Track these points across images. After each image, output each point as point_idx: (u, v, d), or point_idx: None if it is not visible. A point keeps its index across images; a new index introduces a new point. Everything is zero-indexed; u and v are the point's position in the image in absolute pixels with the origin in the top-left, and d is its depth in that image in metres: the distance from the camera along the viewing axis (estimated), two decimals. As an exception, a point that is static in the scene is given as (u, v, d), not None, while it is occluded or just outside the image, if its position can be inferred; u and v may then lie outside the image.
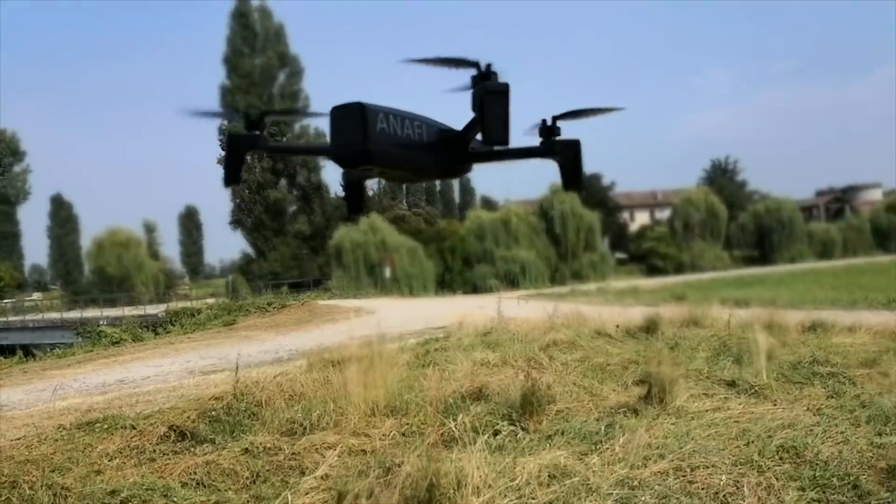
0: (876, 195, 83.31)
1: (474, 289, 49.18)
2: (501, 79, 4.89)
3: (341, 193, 63.25)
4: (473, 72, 4.89)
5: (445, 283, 50.55)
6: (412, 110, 5.12)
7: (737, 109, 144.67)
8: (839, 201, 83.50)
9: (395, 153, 4.95)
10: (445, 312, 24.38)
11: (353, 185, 6.01)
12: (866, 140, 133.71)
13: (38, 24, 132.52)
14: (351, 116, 4.76)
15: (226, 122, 61.35)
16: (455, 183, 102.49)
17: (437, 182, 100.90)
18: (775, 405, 7.86)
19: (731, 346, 11.54)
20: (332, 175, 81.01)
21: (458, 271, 51.16)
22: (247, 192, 61.20)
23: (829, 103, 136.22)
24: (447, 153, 5.29)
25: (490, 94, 4.72)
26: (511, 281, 49.84)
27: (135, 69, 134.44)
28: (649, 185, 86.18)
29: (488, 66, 4.80)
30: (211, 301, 44.68)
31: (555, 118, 5.36)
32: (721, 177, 77.03)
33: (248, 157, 5.39)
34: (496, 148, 5.39)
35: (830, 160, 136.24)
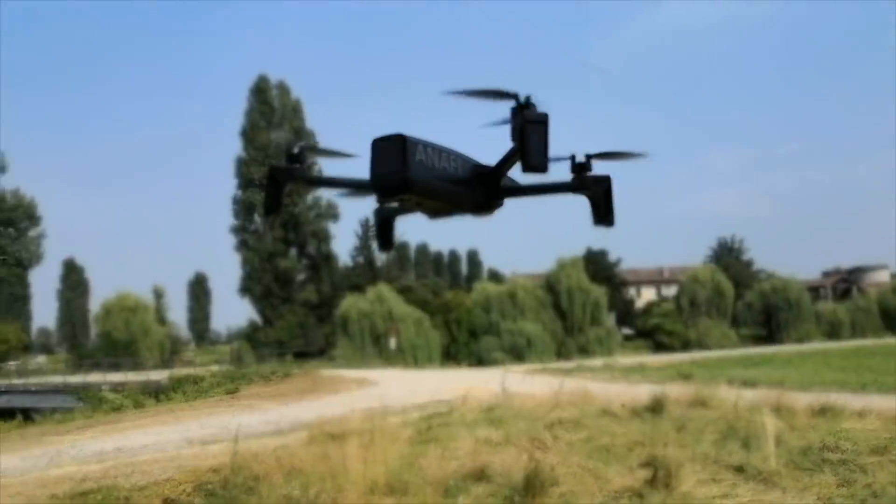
0: (883, 277, 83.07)
1: (480, 361, 48.73)
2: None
3: (350, 264, 63.82)
4: (509, 104, 5.11)
5: (451, 355, 50.17)
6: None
7: (742, 190, 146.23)
8: (846, 282, 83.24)
9: (433, 184, 5.14)
10: (450, 385, 24.11)
11: (385, 221, 6.17)
12: (871, 221, 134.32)
13: (58, 90, 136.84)
14: (392, 147, 4.96)
15: (239, 192, 62.46)
16: (463, 254, 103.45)
17: (446, 254, 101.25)
18: (784, 493, 7.68)
19: (738, 428, 11.31)
20: (341, 245, 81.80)
21: (463, 343, 50.84)
22: (257, 260, 61.71)
23: (833, 185, 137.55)
24: (481, 188, 5.49)
25: (530, 123, 4.93)
26: (517, 354, 49.46)
27: (152, 136, 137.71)
28: (656, 261, 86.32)
29: (528, 97, 5.01)
30: (215, 368, 44.27)
31: (587, 156, 5.56)
32: (727, 255, 77.16)
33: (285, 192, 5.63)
34: (528, 184, 5.64)
35: (836, 241, 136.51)
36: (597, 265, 63.84)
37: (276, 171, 5.48)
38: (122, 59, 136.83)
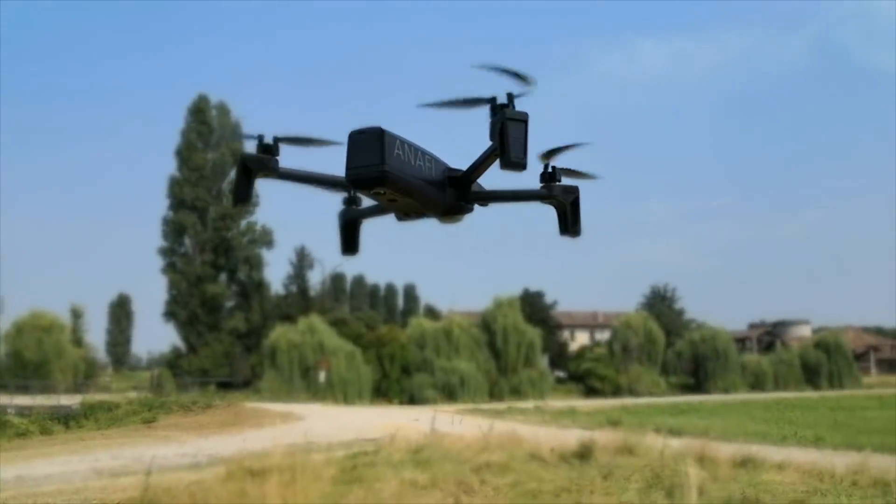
0: (805, 331, 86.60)
1: (411, 399, 48.15)
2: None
3: (282, 292, 62.57)
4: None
5: (382, 392, 49.39)
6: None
7: (677, 240, 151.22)
8: (770, 335, 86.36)
9: (408, 181, 5.10)
10: (379, 423, 23.67)
11: (350, 224, 5.96)
12: (795, 278, 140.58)
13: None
14: (370, 140, 4.90)
15: (170, 213, 60.82)
16: (400, 288, 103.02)
17: (383, 286, 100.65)
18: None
19: (663, 477, 11.35)
20: (274, 273, 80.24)
21: (395, 379, 50.16)
22: (184, 284, 59.81)
23: (761, 239, 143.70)
24: (452, 191, 5.46)
25: (511, 120, 4.93)
26: (449, 393, 49.07)
27: (76, 150, 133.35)
28: (591, 305, 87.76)
29: (509, 94, 5.00)
30: (132, 395, 42.46)
31: (544, 157, 5.47)
32: (660, 303, 79.12)
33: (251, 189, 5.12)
34: (497, 191, 5.64)
35: (763, 294, 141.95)
36: (533, 306, 64.41)
37: (248, 159, 5.23)
38: (49, 71, 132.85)
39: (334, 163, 5.10)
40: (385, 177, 4.90)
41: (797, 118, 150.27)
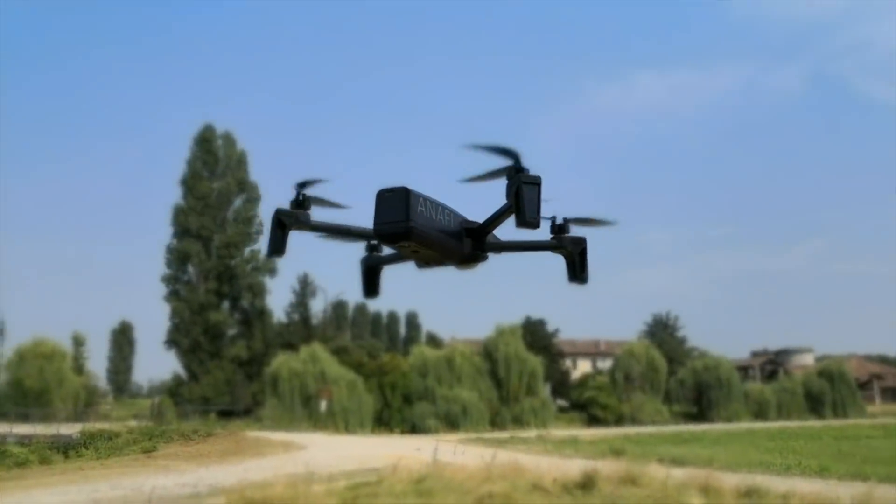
0: (808, 359, 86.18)
1: (413, 428, 47.81)
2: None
3: (284, 321, 62.60)
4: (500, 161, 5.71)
5: (383, 421, 49.05)
6: None
7: (678, 268, 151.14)
8: (773, 363, 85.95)
9: (430, 234, 5.64)
10: (380, 453, 23.52)
11: (371, 269, 6.59)
12: (798, 306, 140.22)
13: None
14: (396, 198, 5.46)
15: (174, 241, 61.14)
16: (402, 316, 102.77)
17: (385, 315, 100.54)
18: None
19: (667, 509, 11.27)
20: (277, 301, 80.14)
21: (397, 408, 49.84)
22: (187, 312, 59.82)
23: (762, 269, 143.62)
24: (468, 242, 6.06)
25: (526, 184, 5.50)
26: (451, 422, 48.74)
27: (81, 176, 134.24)
28: (593, 334, 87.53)
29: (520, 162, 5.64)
30: (132, 423, 42.18)
31: (565, 219, 6.17)
32: (662, 331, 78.91)
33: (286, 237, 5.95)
34: (511, 241, 6.27)
35: (765, 322, 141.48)
36: (535, 334, 64.23)
37: (283, 214, 5.78)
38: (54, 95, 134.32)
39: (358, 214, 5.88)
40: (410, 232, 5.46)
41: (795, 149, 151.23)
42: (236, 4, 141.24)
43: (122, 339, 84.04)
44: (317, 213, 5.96)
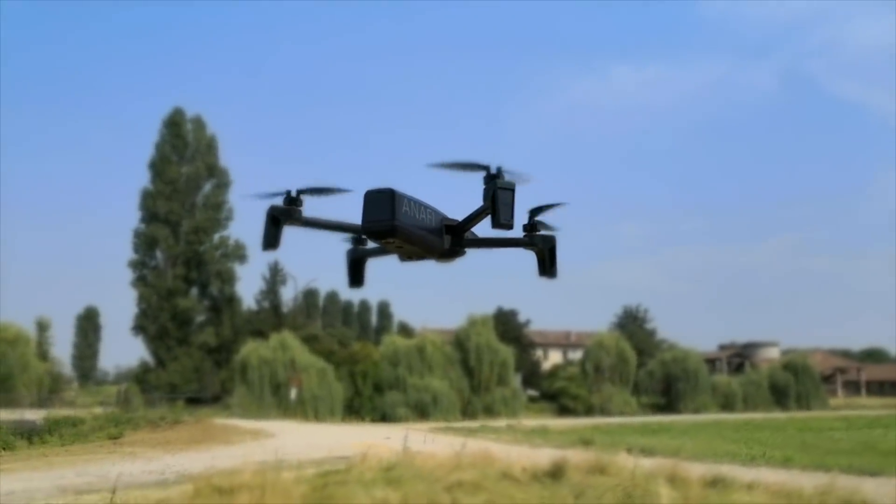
0: (773, 353, 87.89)
1: (383, 417, 47.78)
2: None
3: (254, 308, 62.07)
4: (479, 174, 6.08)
5: (354, 409, 48.93)
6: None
7: (649, 261, 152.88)
8: (740, 356, 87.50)
9: (414, 232, 6.08)
10: (350, 441, 23.42)
11: (357, 261, 7.01)
12: (765, 300, 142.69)
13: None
14: (383, 199, 5.88)
15: (142, 226, 60.13)
16: (374, 305, 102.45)
17: (357, 303, 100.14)
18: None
19: (635, 497, 11.36)
20: (246, 288, 79.38)
21: (367, 397, 49.76)
22: (154, 298, 58.96)
23: (731, 263, 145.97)
24: (448, 238, 6.51)
25: (501, 189, 5.91)
26: (421, 411, 48.80)
27: (45, 160, 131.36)
28: (563, 325, 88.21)
29: (499, 168, 6.01)
30: (98, 410, 41.60)
31: (530, 211, 6.58)
32: (632, 323, 79.76)
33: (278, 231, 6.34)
34: (486, 237, 6.71)
35: (733, 316, 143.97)
36: (506, 325, 64.53)
37: (276, 210, 6.09)
38: (14, 77, 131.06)
39: (346, 209, 6.30)
40: (395, 230, 5.90)
41: (767, 144, 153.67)
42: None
43: (88, 325, 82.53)
44: (309, 205, 6.26)
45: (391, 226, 5.88)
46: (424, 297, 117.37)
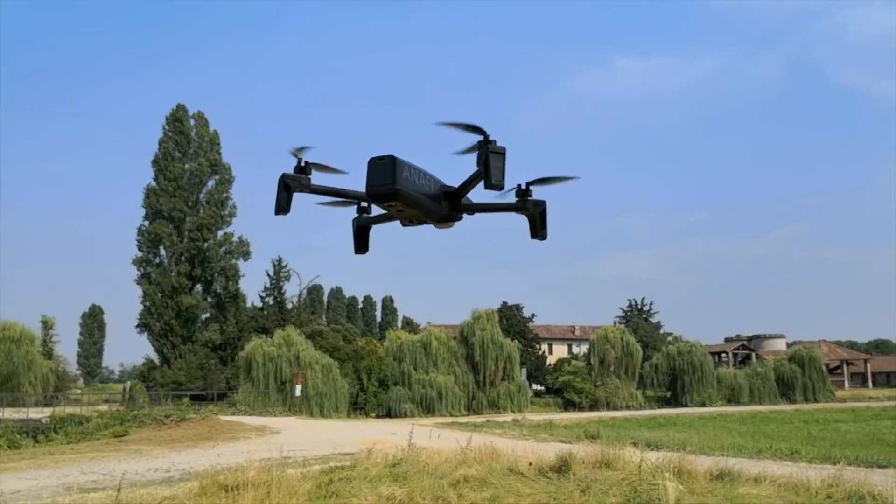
0: (779, 345, 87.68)
1: (388, 412, 47.80)
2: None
3: (258, 304, 62.08)
4: (474, 137, 6.49)
5: (359, 405, 48.96)
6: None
7: (655, 254, 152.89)
8: (746, 349, 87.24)
9: (414, 196, 6.50)
10: (355, 437, 23.40)
11: (362, 228, 7.43)
12: (770, 293, 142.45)
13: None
14: (385, 165, 6.30)
15: (146, 223, 60.15)
16: (377, 300, 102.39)
17: (361, 301, 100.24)
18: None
19: (641, 491, 11.30)
20: (250, 284, 79.50)
21: (372, 392, 49.75)
22: (159, 295, 59.01)
23: (737, 256, 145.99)
24: (446, 203, 6.95)
25: (493, 153, 6.36)
26: (427, 407, 48.78)
27: (50, 159, 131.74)
28: (568, 319, 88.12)
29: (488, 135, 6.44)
30: (103, 408, 41.70)
31: (528, 183, 7.00)
32: (637, 316, 79.66)
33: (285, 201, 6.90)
34: (482, 203, 7.16)
35: (738, 308, 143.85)
36: (511, 319, 64.48)
37: (288, 177, 6.59)
38: (21, 76, 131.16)
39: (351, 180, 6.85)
40: (396, 193, 6.32)
41: (772, 135, 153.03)
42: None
43: (93, 323, 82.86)
44: (316, 178, 6.76)
45: (393, 190, 6.27)
46: (429, 293, 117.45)
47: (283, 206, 6.59)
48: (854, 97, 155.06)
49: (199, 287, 61.32)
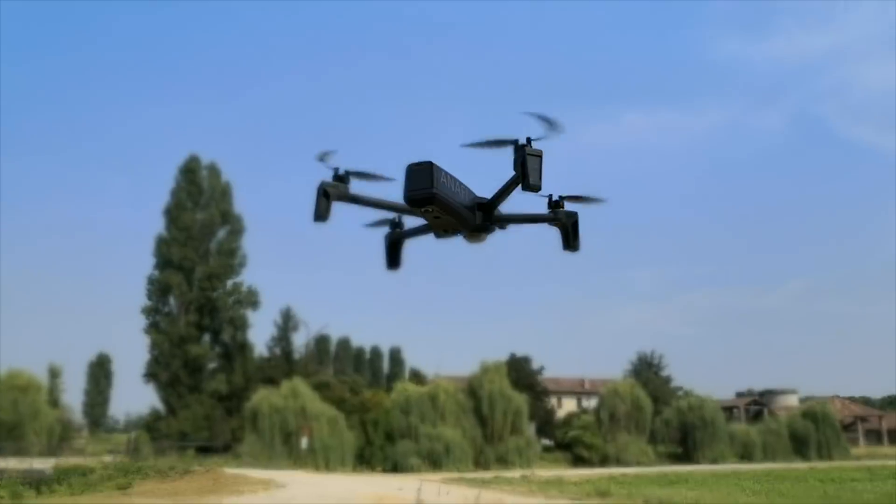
0: (792, 400, 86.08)
1: (395, 466, 46.97)
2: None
3: (266, 355, 61.91)
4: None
5: (365, 459, 48.19)
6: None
7: (662, 307, 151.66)
8: (758, 404, 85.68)
9: (450, 202, 6.61)
10: (362, 492, 22.99)
11: (394, 243, 7.54)
12: (782, 346, 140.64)
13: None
14: (423, 171, 6.43)
15: (156, 272, 60.39)
16: (385, 351, 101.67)
17: (367, 351, 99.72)
18: None
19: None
20: (258, 335, 79.29)
21: (379, 446, 49.00)
22: (167, 344, 58.91)
23: (746, 308, 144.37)
24: (479, 214, 7.05)
25: (530, 155, 6.52)
26: (434, 461, 47.92)
27: (61, 204, 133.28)
28: (577, 372, 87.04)
29: (528, 138, 6.60)
30: (108, 459, 41.23)
31: (561, 196, 7.18)
32: (647, 370, 78.62)
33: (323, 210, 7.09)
34: (514, 214, 7.23)
35: (749, 363, 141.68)
36: (519, 371, 63.72)
37: (327, 185, 6.75)
38: (32, 122, 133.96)
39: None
40: (434, 198, 6.45)
41: (778, 188, 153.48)
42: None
43: (100, 372, 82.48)
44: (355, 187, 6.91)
45: (430, 193, 6.39)
46: (437, 344, 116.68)
47: (321, 214, 6.72)
48: (859, 150, 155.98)
49: (207, 337, 61.26)
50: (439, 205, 6.56)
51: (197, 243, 61.65)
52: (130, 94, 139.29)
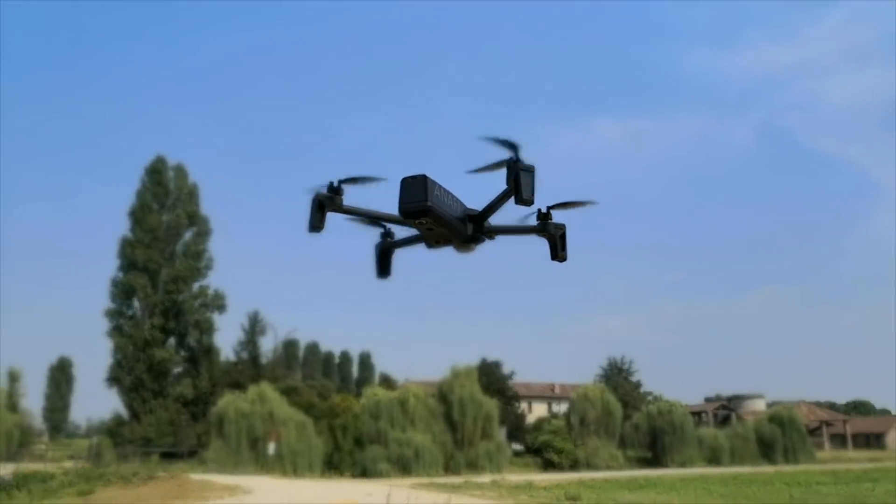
0: (759, 405, 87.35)
1: (364, 472, 46.49)
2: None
3: (232, 359, 61.00)
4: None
5: (333, 464, 47.60)
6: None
7: (632, 314, 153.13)
8: (726, 409, 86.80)
9: (443, 214, 6.75)
10: (330, 498, 22.62)
11: (385, 251, 7.63)
12: (749, 352, 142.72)
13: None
14: (417, 183, 6.58)
15: (120, 274, 59.17)
16: (354, 356, 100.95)
17: (338, 356, 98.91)
18: None
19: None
20: (224, 338, 78.11)
21: (348, 451, 48.46)
22: (130, 348, 57.64)
23: (715, 315, 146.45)
24: (470, 225, 7.21)
25: (523, 171, 6.65)
26: (403, 466, 47.53)
27: (25, 207, 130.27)
28: (548, 377, 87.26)
29: (518, 153, 6.75)
30: (68, 465, 40.19)
31: (548, 207, 7.32)
32: (617, 376, 79.09)
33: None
34: (504, 225, 7.42)
35: (717, 368, 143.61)
36: (490, 376, 63.59)
37: (322, 196, 6.87)
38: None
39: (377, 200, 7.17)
40: (428, 210, 6.60)
41: (746, 197, 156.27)
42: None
43: (61, 376, 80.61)
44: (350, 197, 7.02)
45: (425, 206, 6.56)
46: (407, 349, 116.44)
47: (316, 225, 6.85)
48: (825, 161, 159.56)
49: (172, 340, 60.07)
50: (433, 217, 6.71)
51: (162, 245, 60.50)
52: (97, 97, 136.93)
